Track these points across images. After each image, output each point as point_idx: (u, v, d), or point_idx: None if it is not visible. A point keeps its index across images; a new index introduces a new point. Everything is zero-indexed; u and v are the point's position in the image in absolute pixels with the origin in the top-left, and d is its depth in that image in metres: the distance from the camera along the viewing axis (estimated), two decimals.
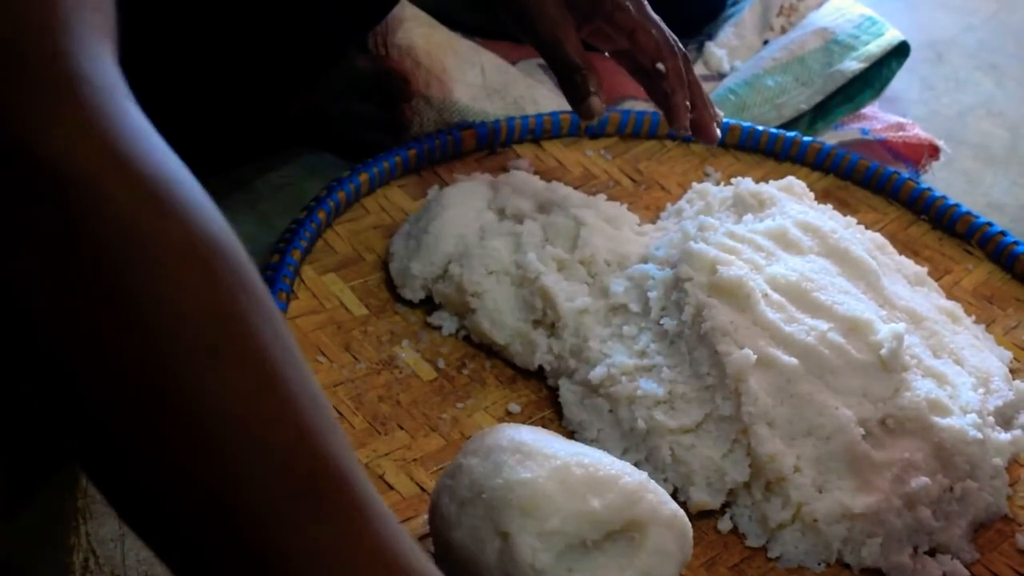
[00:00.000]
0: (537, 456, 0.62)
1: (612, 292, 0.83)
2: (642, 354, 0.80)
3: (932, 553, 0.74)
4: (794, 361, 0.74)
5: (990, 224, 0.99)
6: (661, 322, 0.80)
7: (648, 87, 0.89)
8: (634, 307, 0.82)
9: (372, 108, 1.02)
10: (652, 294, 0.81)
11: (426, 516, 0.67)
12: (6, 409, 0.66)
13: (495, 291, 0.83)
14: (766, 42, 1.21)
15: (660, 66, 0.87)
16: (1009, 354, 0.89)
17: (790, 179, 0.94)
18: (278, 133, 1.01)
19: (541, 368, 0.83)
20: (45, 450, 0.71)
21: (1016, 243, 0.97)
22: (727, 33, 1.21)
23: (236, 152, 0.98)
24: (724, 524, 0.74)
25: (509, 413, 0.80)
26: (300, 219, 0.89)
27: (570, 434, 0.78)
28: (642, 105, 1.14)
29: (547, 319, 0.83)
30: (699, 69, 1.17)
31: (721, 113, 0.92)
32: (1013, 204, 1.11)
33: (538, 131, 1.03)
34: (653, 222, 0.95)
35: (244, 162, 1.00)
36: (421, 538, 0.69)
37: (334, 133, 1.03)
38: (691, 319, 0.77)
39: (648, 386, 0.77)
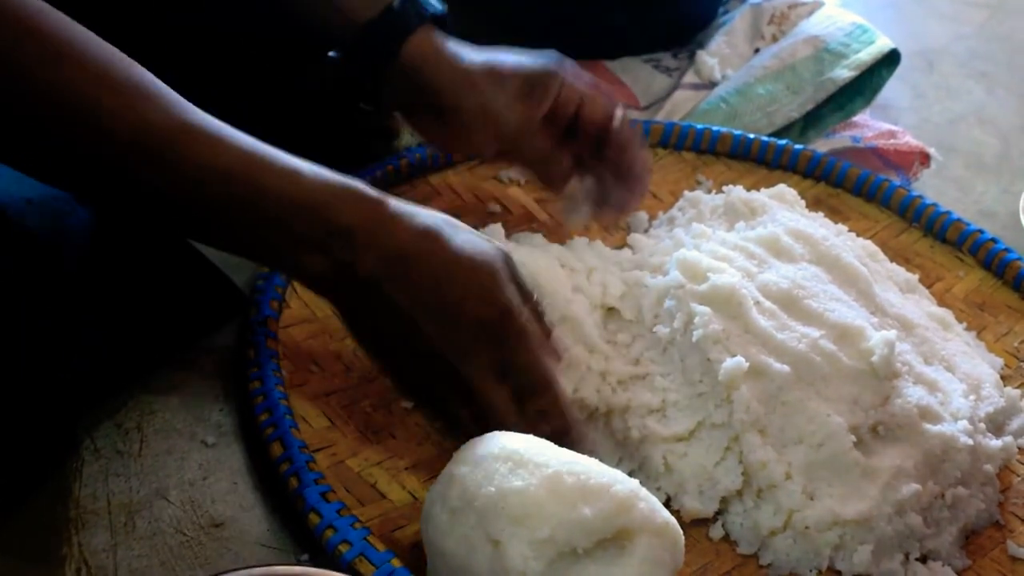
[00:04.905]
0: (528, 464, 0.62)
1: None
2: (635, 362, 0.80)
3: (923, 560, 0.74)
4: (786, 368, 0.74)
5: (981, 231, 0.99)
6: (654, 330, 0.80)
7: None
8: (628, 315, 0.82)
9: (361, 113, 1.02)
10: (645, 302, 0.81)
11: (418, 525, 0.67)
12: None
13: None
14: (757, 50, 1.21)
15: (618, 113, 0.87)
16: (1000, 361, 0.89)
17: (781, 187, 0.94)
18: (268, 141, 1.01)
19: None
20: (36, 460, 0.71)
21: (1007, 250, 0.97)
22: (718, 42, 1.22)
23: None
24: (716, 531, 0.74)
25: None
26: None
27: None
28: (635, 114, 1.15)
29: None
30: (690, 78, 1.18)
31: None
32: (1004, 211, 1.11)
33: None
34: (645, 230, 0.95)
35: None
36: (413, 546, 0.69)
37: (324, 139, 1.03)
38: (683, 327, 0.77)
39: (641, 395, 0.77)
